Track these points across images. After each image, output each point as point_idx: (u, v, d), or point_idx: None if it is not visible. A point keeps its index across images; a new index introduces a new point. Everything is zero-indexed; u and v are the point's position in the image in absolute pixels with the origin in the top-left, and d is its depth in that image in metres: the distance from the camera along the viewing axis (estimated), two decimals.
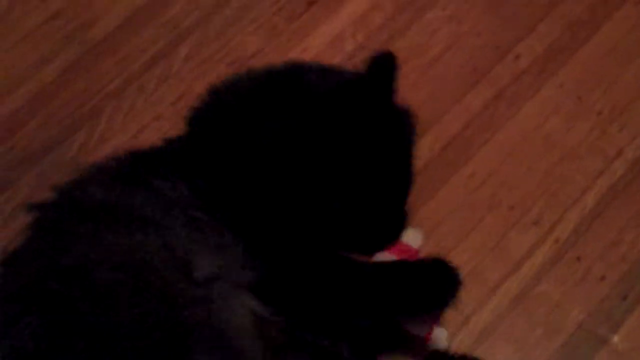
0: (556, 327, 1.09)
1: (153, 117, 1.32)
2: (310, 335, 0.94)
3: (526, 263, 1.14)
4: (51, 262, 0.91)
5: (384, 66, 1.04)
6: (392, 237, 1.05)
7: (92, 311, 0.87)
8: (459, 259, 1.11)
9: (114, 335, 0.85)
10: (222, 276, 0.91)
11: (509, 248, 1.15)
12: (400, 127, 1.07)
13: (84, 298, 0.87)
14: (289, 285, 0.94)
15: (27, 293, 0.90)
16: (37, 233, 0.97)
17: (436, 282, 0.99)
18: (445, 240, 1.15)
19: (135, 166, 1.01)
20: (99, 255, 0.90)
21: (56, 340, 0.85)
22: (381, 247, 1.05)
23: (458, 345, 1.07)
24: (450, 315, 1.06)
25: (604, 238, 1.15)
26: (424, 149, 1.19)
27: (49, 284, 0.89)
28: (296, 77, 1.06)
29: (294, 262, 0.96)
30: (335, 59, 1.33)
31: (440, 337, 1.03)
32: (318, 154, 1.01)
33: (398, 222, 1.07)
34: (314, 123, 1.01)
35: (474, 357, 1.05)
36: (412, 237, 1.08)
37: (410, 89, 1.18)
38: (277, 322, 0.92)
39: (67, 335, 0.86)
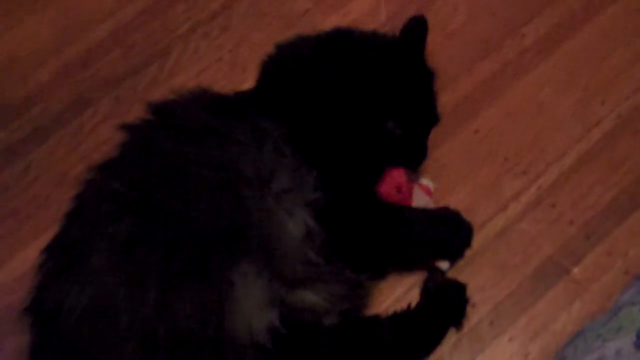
0: (530, 257, 1.30)
1: (214, 60, 1.52)
2: (340, 264, 1.11)
3: (511, 204, 1.34)
4: (151, 169, 1.08)
5: (417, 27, 1.25)
6: (421, 158, 1.26)
7: (178, 207, 1.03)
8: (456, 196, 1.35)
9: (189, 227, 1.02)
10: (294, 191, 1.08)
11: (499, 191, 1.35)
12: (429, 78, 1.28)
13: (179, 192, 1.04)
14: (341, 215, 1.12)
15: (130, 193, 1.06)
16: (138, 144, 1.13)
17: (456, 240, 1.23)
18: (448, 180, 1.35)
19: (241, 104, 1.20)
20: (200, 158, 1.07)
21: (143, 237, 1.02)
22: (415, 167, 1.26)
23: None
24: None
25: (576, 190, 1.35)
26: (439, 105, 1.30)
27: (146, 186, 1.05)
28: (345, 38, 1.25)
29: (350, 197, 1.14)
30: (371, 26, 1.48)
31: (442, 263, 1.26)
32: (367, 98, 1.19)
33: (424, 148, 1.26)
34: (364, 73, 1.19)
35: (460, 283, 1.25)
36: (430, 183, 1.31)
37: (432, 54, 1.34)
38: (321, 241, 1.08)
39: (152, 232, 1.02)
